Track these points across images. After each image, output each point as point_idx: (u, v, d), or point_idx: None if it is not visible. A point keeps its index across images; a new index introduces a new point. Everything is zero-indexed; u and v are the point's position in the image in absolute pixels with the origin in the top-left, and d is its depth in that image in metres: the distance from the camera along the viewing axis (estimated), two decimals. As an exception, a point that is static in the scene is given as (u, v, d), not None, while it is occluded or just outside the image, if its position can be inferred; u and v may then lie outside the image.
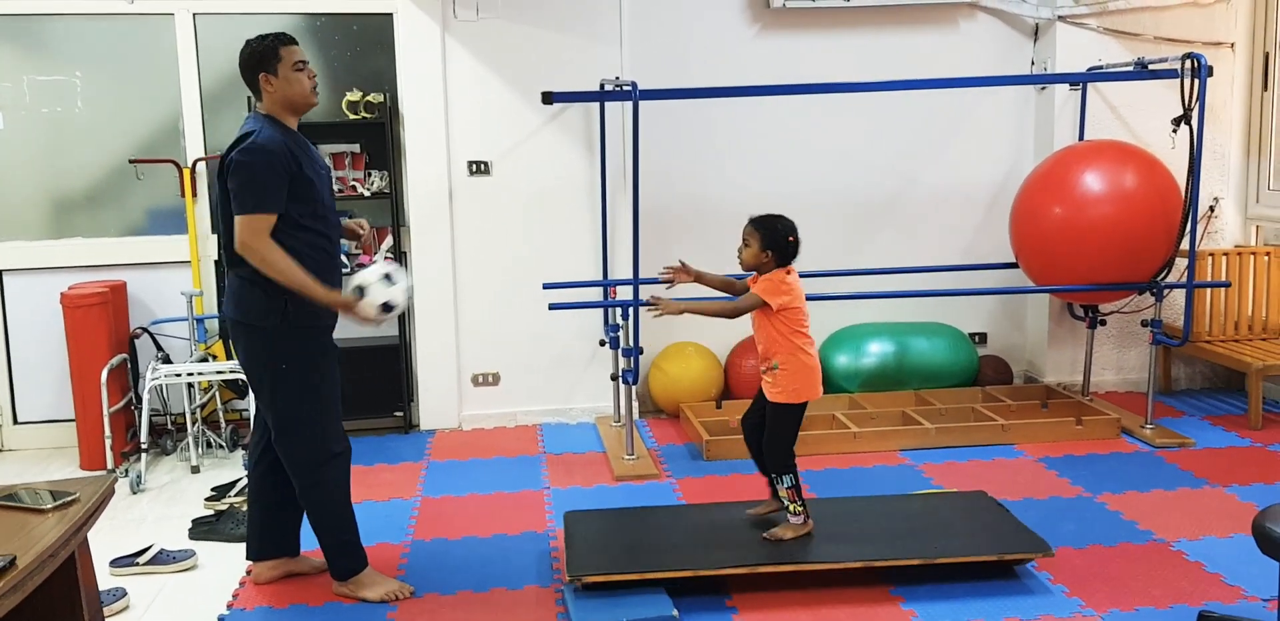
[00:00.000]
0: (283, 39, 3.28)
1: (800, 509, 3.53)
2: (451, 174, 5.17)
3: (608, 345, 5.03)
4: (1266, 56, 5.46)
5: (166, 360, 4.93)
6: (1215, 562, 3.55)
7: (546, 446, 5.02)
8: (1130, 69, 5.04)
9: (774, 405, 3.52)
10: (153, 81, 5.17)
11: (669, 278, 3.58)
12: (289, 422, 3.30)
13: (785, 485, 3.51)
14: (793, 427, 3.53)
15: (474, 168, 5.19)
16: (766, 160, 5.53)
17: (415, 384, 5.33)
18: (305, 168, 3.21)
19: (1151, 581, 3.43)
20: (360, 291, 3.17)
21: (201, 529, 3.93)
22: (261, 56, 3.24)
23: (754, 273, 3.54)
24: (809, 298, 4.90)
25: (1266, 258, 5.46)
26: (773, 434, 3.52)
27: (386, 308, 3.19)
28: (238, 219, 3.14)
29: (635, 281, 4.66)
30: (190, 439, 4.75)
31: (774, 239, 3.45)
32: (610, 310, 4.98)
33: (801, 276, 5.13)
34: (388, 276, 3.20)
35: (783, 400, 3.49)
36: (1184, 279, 4.87)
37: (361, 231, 3.59)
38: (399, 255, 5.26)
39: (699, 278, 3.59)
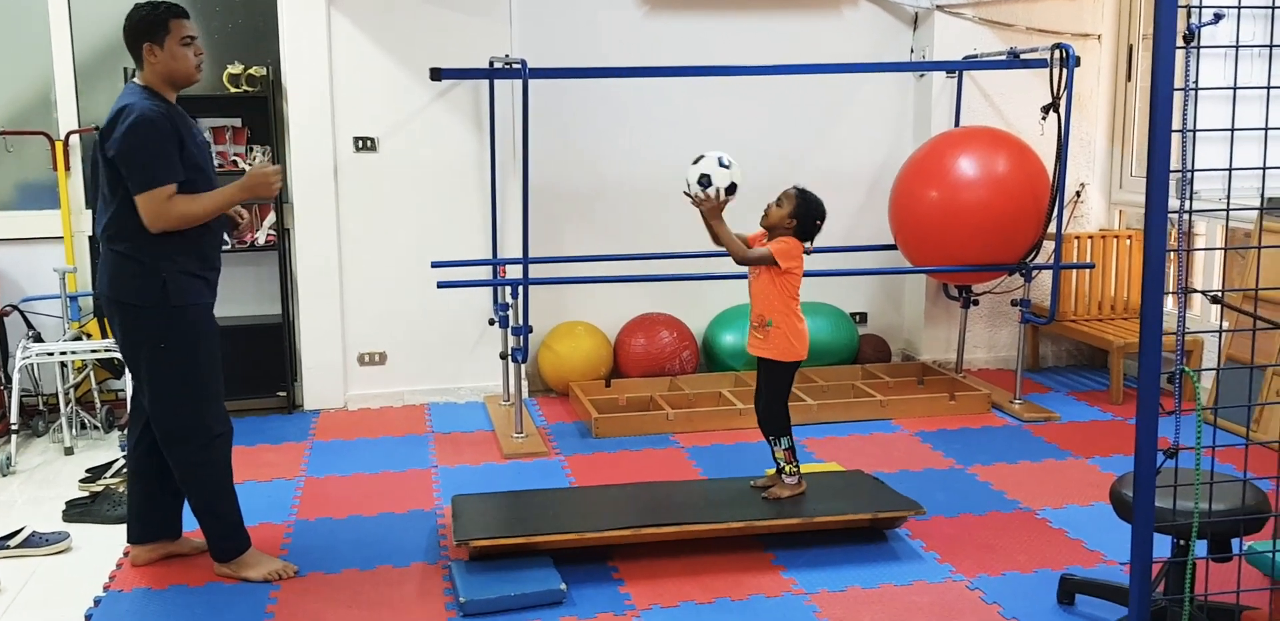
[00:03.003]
0: (175, 10, 3.18)
1: (795, 470, 3.69)
2: (337, 150, 5.09)
3: (497, 324, 5.03)
4: (1130, 48, 5.71)
5: (38, 339, 4.77)
6: (1077, 529, 3.74)
7: (434, 426, 5.01)
8: (1003, 58, 5.23)
9: (767, 363, 3.66)
10: (23, 50, 4.97)
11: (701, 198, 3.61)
12: (167, 404, 3.23)
13: (782, 446, 3.67)
14: (786, 387, 3.69)
15: (360, 144, 5.12)
16: (655, 141, 5.57)
17: (299, 363, 5.26)
18: (187, 141, 3.14)
19: (1017, 547, 3.60)
20: (706, 179, 3.51)
21: (76, 511, 3.83)
22: (150, 25, 3.15)
23: (764, 232, 3.70)
24: (697, 277, 5.03)
25: (1129, 241, 5.73)
26: (769, 395, 3.68)
27: (704, 181, 3.52)
28: (138, 198, 3.06)
29: (525, 260, 4.67)
30: (63, 419, 4.60)
31: (806, 210, 3.63)
32: (500, 289, 4.98)
33: (687, 257, 5.27)
34: (720, 161, 3.54)
35: (775, 357, 3.65)
36: (1051, 260, 5.09)
37: (240, 219, 3.51)
38: (281, 232, 5.18)
39: (718, 214, 3.62)
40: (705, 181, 3.53)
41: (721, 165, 3.54)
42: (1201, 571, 2.72)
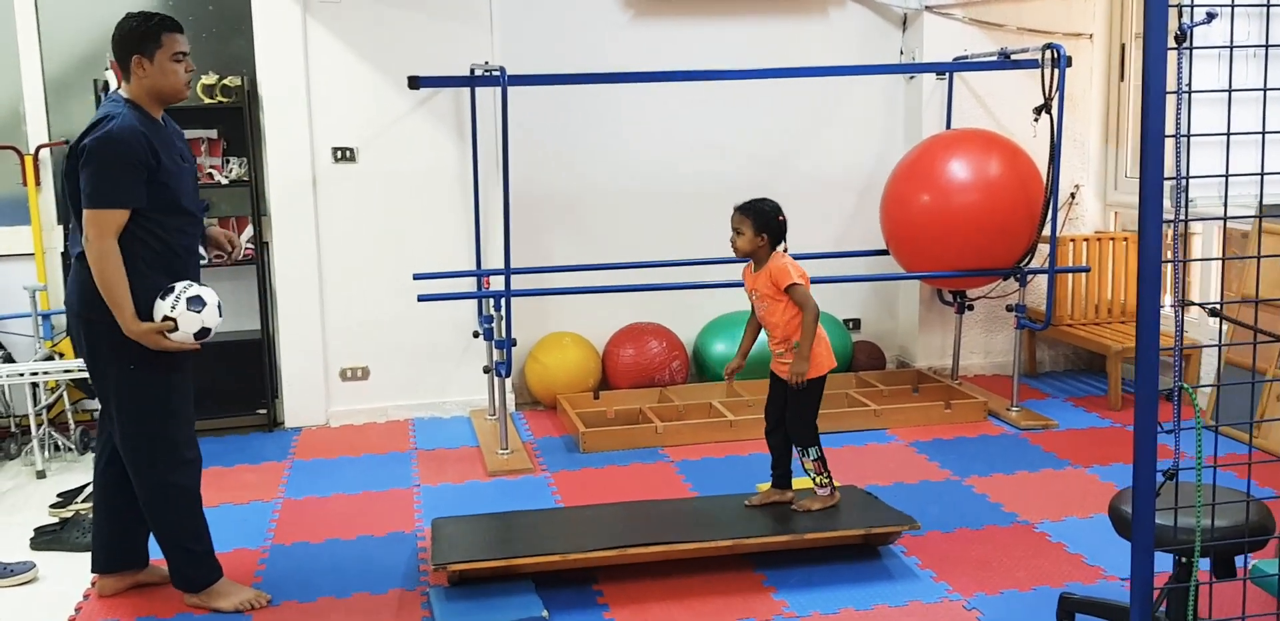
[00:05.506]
0: (168, 24, 3.07)
1: (827, 481, 3.60)
2: (315, 160, 4.99)
3: (481, 337, 4.93)
4: (1123, 47, 5.61)
5: (9, 359, 4.67)
6: (1076, 543, 3.63)
7: (418, 442, 4.89)
8: (994, 59, 5.13)
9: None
10: (-11, 63, 4.87)
11: (733, 377, 3.75)
12: (136, 427, 3.11)
13: (811, 457, 3.58)
14: (817, 401, 3.61)
15: (339, 154, 5.02)
16: (642, 147, 5.48)
17: (279, 379, 5.14)
18: (165, 160, 3.02)
19: (1016, 564, 3.50)
20: (173, 324, 2.99)
21: (44, 538, 3.71)
22: (141, 38, 3.03)
23: (749, 262, 3.63)
24: (687, 286, 4.94)
25: (1125, 242, 5.62)
26: (798, 409, 3.59)
27: (203, 334, 3.05)
28: (86, 212, 2.94)
29: (508, 271, 4.57)
30: (35, 442, 4.48)
31: (765, 221, 3.53)
32: (483, 301, 4.87)
33: (676, 265, 5.17)
34: (193, 301, 3.02)
35: (807, 376, 3.54)
36: (1046, 264, 4.98)
37: (230, 247, 3.38)
38: (260, 245, 5.07)
39: (744, 358, 3.73)
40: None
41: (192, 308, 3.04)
42: (1204, 590, 2.60)
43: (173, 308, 3.00)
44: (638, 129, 5.46)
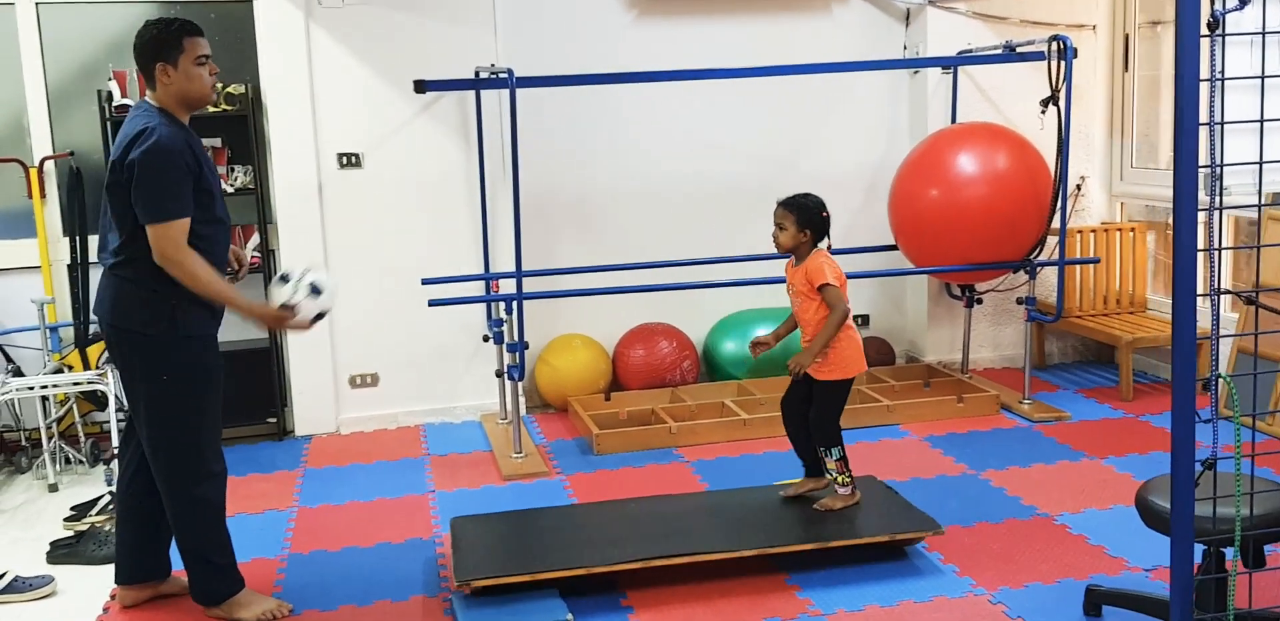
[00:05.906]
0: (188, 28, 3.02)
1: (848, 480, 3.59)
2: (320, 167, 4.96)
3: (491, 340, 4.90)
4: (1126, 38, 5.60)
5: (17, 373, 4.63)
6: (1097, 534, 3.62)
7: (430, 448, 4.87)
8: (999, 52, 5.12)
9: (823, 382, 3.56)
10: (-9, 75, 4.85)
11: (760, 351, 3.69)
12: (167, 439, 3.08)
13: (834, 457, 3.57)
14: (841, 401, 3.60)
15: (344, 160, 4.99)
16: (647, 148, 5.46)
17: (288, 387, 5.11)
18: (204, 168, 3.01)
19: (1038, 557, 3.48)
20: (291, 310, 3.03)
21: (60, 552, 3.68)
22: (162, 45, 2.98)
23: (789, 258, 3.63)
24: (695, 285, 4.92)
25: (1131, 233, 5.62)
26: (822, 409, 3.58)
27: (319, 318, 3.09)
28: (150, 228, 2.91)
29: (519, 274, 4.55)
30: (47, 455, 4.44)
31: (809, 217, 3.53)
32: (493, 304, 4.85)
33: (684, 264, 5.15)
34: (313, 287, 3.04)
35: (834, 377, 3.54)
36: (1055, 256, 4.97)
37: (237, 266, 3.34)
38: (266, 253, 5.04)
39: (777, 340, 3.69)
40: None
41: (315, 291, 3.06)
42: (1240, 580, 2.59)
43: (294, 294, 3.01)
44: (642, 129, 5.45)
